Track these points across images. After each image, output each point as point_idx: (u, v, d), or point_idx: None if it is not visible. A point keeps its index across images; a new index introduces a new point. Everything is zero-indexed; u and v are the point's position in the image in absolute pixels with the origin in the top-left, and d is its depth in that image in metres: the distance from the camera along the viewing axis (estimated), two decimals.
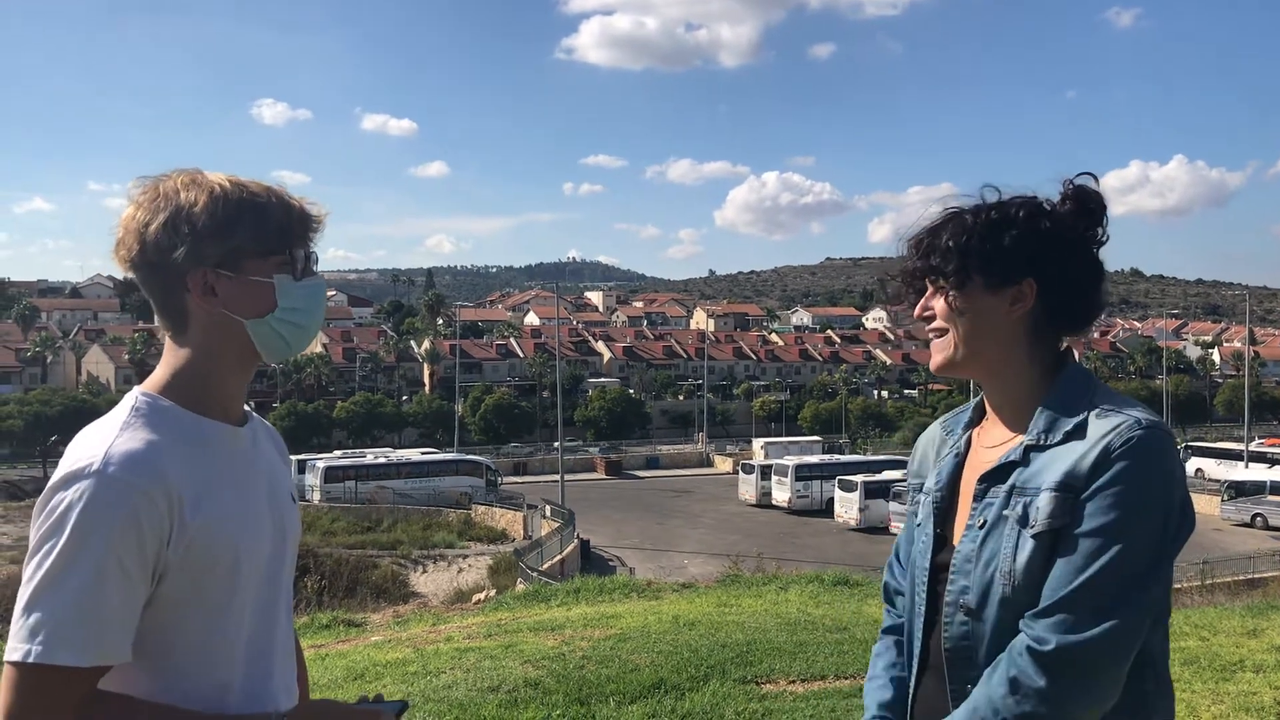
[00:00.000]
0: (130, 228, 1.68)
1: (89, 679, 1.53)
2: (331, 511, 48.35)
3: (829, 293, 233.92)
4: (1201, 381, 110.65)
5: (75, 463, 1.58)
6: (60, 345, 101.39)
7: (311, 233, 1.77)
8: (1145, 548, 1.64)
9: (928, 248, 1.84)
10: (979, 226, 1.81)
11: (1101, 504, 1.64)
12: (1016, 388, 1.84)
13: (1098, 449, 1.67)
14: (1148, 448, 1.66)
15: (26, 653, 1.50)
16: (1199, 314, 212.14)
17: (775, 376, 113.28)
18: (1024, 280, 1.80)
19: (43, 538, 1.55)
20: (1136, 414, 1.71)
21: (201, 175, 1.71)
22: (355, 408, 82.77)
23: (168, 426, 1.65)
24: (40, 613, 1.51)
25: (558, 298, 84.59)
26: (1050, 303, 1.81)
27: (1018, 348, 1.83)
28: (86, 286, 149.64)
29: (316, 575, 23.70)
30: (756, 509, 54.49)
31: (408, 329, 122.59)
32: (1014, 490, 1.75)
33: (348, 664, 7.55)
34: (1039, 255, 1.79)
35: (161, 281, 1.69)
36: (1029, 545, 1.70)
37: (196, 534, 1.60)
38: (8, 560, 36.88)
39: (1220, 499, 49.48)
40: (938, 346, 1.86)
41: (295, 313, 1.74)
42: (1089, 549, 1.63)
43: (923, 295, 1.89)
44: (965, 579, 1.77)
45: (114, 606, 1.53)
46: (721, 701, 5.99)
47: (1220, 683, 6.31)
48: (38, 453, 70.45)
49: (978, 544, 1.77)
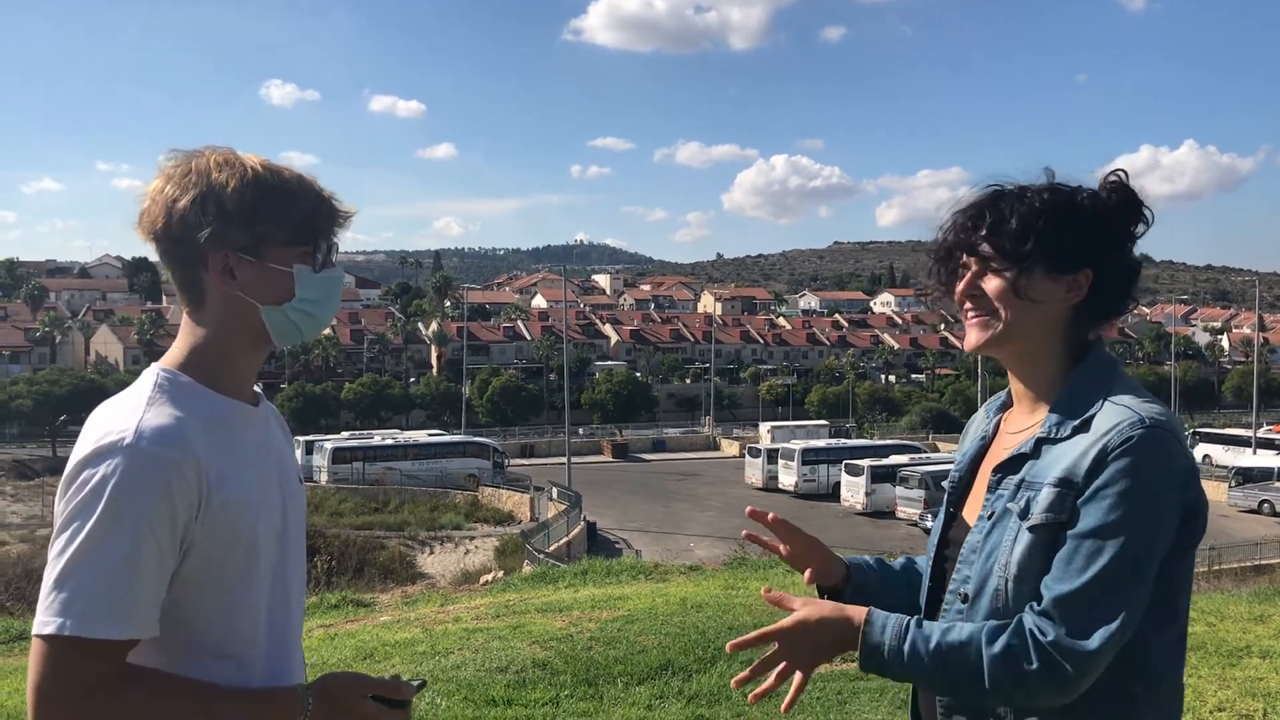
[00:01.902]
0: (158, 200, 1.67)
1: (122, 652, 1.53)
2: (339, 492, 48.50)
3: (837, 277, 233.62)
4: (1210, 368, 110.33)
5: (105, 437, 1.57)
6: (69, 325, 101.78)
7: (337, 227, 1.77)
8: (1141, 550, 1.63)
9: (992, 224, 1.78)
10: (1048, 209, 1.77)
11: (1099, 504, 1.64)
12: (1044, 374, 1.84)
13: (1097, 447, 1.67)
14: (1146, 447, 1.65)
15: (61, 625, 1.49)
16: (1208, 300, 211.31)
17: (782, 360, 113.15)
18: (1082, 270, 1.78)
19: (74, 512, 1.53)
20: (1143, 410, 1.69)
21: (235, 156, 1.70)
22: (363, 389, 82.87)
23: (191, 403, 1.66)
24: (74, 585, 1.50)
25: (565, 280, 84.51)
26: (1099, 294, 1.79)
27: (1058, 335, 1.82)
28: (95, 267, 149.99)
29: (325, 556, 23.76)
30: (763, 493, 54.44)
31: (415, 311, 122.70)
32: (1022, 484, 1.75)
33: (357, 643, 7.59)
34: (1099, 245, 1.78)
35: (182, 257, 1.70)
36: (1025, 539, 1.70)
37: (220, 510, 1.61)
38: (17, 539, 37.08)
39: (1228, 485, 49.38)
40: (977, 324, 1.82)
41: (311, 304, 1.75)
42: (1087, 550, 1.63)
43: (957, 273, 1.85)
44: (969, 568, 1.79)
45: (148, 580, 1.54)
46: (729, 683, 6.01)
47: (1227, 668, 6.31)
48: (46, 432, 70.69)
49: (984, 535, 1.78)
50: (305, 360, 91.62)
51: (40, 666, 1.51)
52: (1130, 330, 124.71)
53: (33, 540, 35.78)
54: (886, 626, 1.72)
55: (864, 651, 1.73)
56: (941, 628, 1.71)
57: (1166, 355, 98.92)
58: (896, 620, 1.73)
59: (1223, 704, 5.57)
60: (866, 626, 1.73)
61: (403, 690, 1.74)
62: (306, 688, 1.69)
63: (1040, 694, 1.65)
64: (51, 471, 58.08)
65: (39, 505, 46.49)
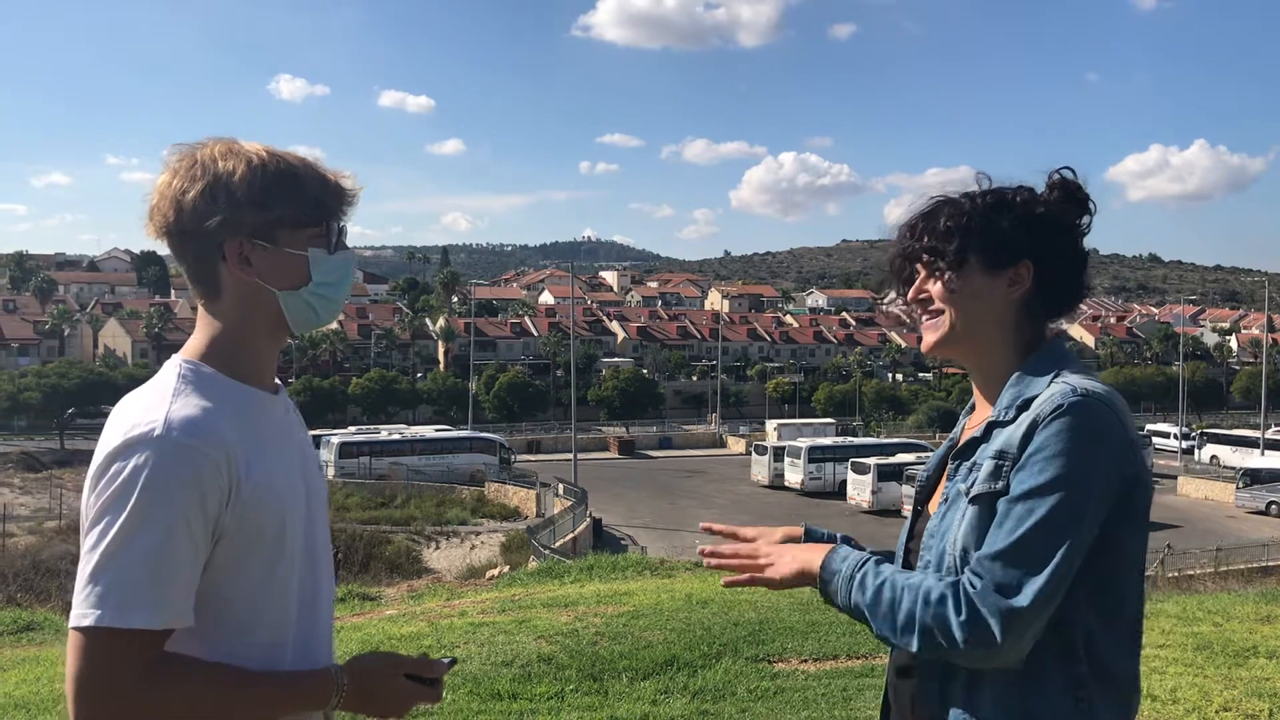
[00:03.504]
0: (166, 195, 1.67)
1: (158, 641, 1.55)
2: (346, 487, 48.60)
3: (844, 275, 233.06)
4: (1218, 368, 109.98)
5: (134, 429, 1.57)
6: (77, 318, 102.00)
7: (346, 206, 1.78)
8: (1070, 511, 1.65)
9: (924, 230, 1.87)
10: (977, 209, 1.85)
11: (1030, 469, 1.67)
12: (1001, 368, 1.88)
13: (1031, 417, 1.72)
14: (1076, 413, 1.68)
15: (99, 617, 1.50)
16: (1217, 300, 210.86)
17: (789, 358, 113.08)
18: (1021, 262, 1.84)
19: (106, 505, 1.54)
20: (1081, 384, 1.73)
21: (238, 144, 1.71)
22: (370, 384, 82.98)
23: (216, 393, 1.66)
24: (110, 578, 1.51)
25: (573, 277, 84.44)
26: (1044, 285, 1.85)
27: (1008, 329, 1.87)
28: (104, 260, 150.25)
29: (331, 549, 23.85)
30: (769, 490, 54.49)
31: (423, 306, 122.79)
32: (973, 466, 1.79)
33: (363, 637, 7.61)
34: (1036, 238, 1.84)
35: (196, 250, 1.70)
36: (969, 512, 1.74)
37: (250, 498, 1.62)
38: (26, 531, 37.20)
39: (1235, 486, 49.26)
40: (929, 327, 1.89)
41: (328, 286, 1.75)
42: (1017, 513, 1.66)
43: (912, 281, 1.92)
44: (928, 553, 1.82)
45: (182, 569, 1.55)
46: (734, 679, 6.02)
47: (1233, 668, 6.30)
48: (54, 425, 70.95)
49: (940, 518, 1.82)
50: (313, 355, 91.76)
51: (79, 658, 1.52)
52: (1138, 330, 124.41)
53: (41, 532, 35.91)
54: (849, 556, 1.82)
55: (821, 573, 1.83)
56: (895, 569, 1.77)
57: (1174, 356, 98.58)
58: (860, 554, 1.82)
59: (1228, 704, 5.56)
60: (831, 551, 1.84)
61: (434, 668, 1.76)
62: (340, 669, 1.71)
63: (966, 647, 1.65)
64: (59, 464, 58.28)
65: (47, 498, 46.64)
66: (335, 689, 1.68)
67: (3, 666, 8.29)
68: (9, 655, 9.01)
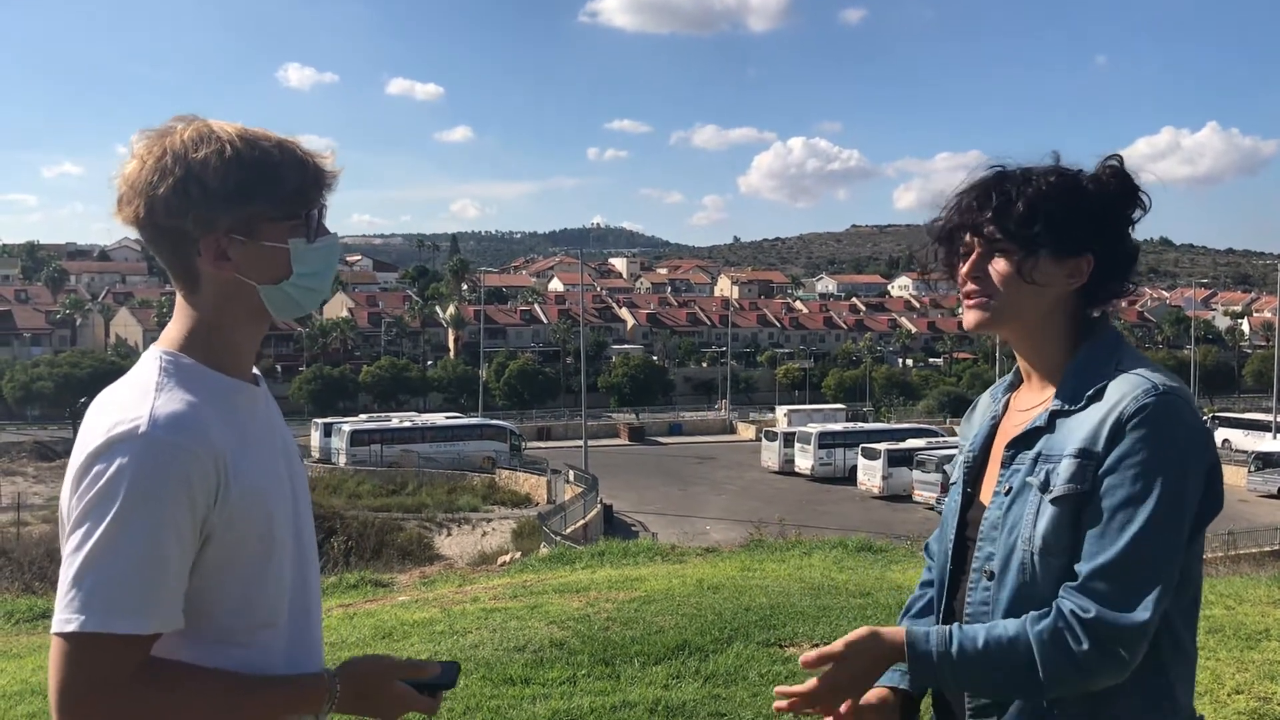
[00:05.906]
0: (136, 187, 1.58)
1: (145, 647, 1.49)
2: (357, 474, 48.83)
3: (854, 260, 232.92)
4: (1230, 352, 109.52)
5: (117, 426, 1.50)
6: (89, 308, 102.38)
7: (327, 190, 1.68)
8: (1172, 515, 1.63)
9: (999, 207, 1.77)
10: (1056, 193, 1.76)
11: (1124, 475, 1.64)
12: (1049, 351, 1.84)
13: (1114, 415, 1.67)
14: (1163, 413, 1.65)
15: (83, 622, 1.43)
16: (1229, 284, 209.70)
17: (799, 344, 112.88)
18: (1084, 255, 1.78)
19: (89, 506, 1.47)
20: (1154, 378, 1.69)
21: (209, 129, 1.59)
22: (380, 372, 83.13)
23: (199, 386, 1.60)
24: (94, 581, 1.44)
25: (582, 264, 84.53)
26: (1098, 279, 1.80)
27: (1059, 316, 1.83)
28: (115, 250, 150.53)
29: (343, 537, 23.85)
30: (779, 476, 54.48)
31: (432, 294, 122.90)
32: (1039, 457, 1.75)
33: (375, 623, 7.64)
34: (1102, 231, 1.79)
35: (170, 244, 1.62)
36: (1049, 511, 1.70)
37: (238, 496, 1.56)
38: (39, 520, 37.40)
39: (1247, 470, 49.09)
40: (977, 306, 1.82)
41: (310, 277, 1.67)
42: (1119, 522, 1.63)
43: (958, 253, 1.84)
44: (991, 545, 1.78)
45: (170, 572, 1.49)
46: (745, 663, 6.03)
47: (1245, 651, 6.29)
48: (67, 414, 71.20)
49: (1003, 510, 1.78)
50: (323, 343, 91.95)
51: (62, 665, 1.45)
52: (1150, 314, 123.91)
53: (54, 521, 35.82)
54: (929, 635, 1.73)
55: (912, 659, 1.72)
56: (984, 627, 1.71)
57: (1186, 339, 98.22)
58: (937, 629, 1.74)
59: (1240, 686, 5.56)
60: (909, 638, 1.73)
61: (428, 670, 1.71)
62: (333, 674, 1.66)
63: (1097, 673, 1.64)
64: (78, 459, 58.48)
65: (60, 487, 46.87)
66: (328, 694, 1.64)
67: (19, 654, 8.35)
68: (25, 642, 9.08)
